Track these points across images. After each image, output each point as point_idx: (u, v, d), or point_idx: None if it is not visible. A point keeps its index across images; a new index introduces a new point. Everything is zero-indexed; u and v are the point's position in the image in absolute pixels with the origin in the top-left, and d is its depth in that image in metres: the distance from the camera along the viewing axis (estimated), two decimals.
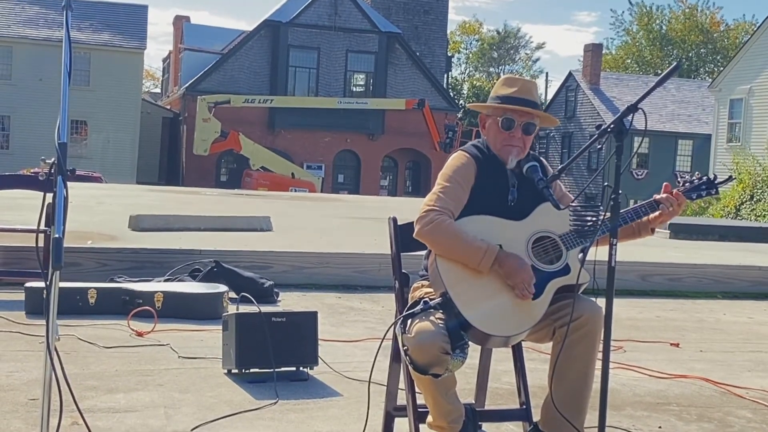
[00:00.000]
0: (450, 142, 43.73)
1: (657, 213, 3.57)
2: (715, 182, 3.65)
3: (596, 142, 3.30)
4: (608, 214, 3.28)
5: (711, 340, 6.89)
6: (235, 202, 19.81)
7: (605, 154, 3.47)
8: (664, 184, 3.62)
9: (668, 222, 3.69)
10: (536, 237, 3.47)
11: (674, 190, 3.58)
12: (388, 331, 3.52)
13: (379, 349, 3.59)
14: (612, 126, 3.20)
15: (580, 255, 3.42)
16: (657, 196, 3.59)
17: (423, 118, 44.81)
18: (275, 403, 4.36)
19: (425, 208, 3.44)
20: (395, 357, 3.73)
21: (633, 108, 3.18)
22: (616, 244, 3.21)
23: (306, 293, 7.95)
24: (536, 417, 3.69)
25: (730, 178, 3.93)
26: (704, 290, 9.50)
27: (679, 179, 3.68)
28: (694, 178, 3.65)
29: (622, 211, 3.47)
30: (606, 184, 3.20)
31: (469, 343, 3.30)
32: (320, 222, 15.07)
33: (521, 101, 3.59)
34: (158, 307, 6.36)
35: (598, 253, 3.40)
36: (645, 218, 3.60)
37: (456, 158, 3.61)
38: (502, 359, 4.41)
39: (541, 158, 3.68)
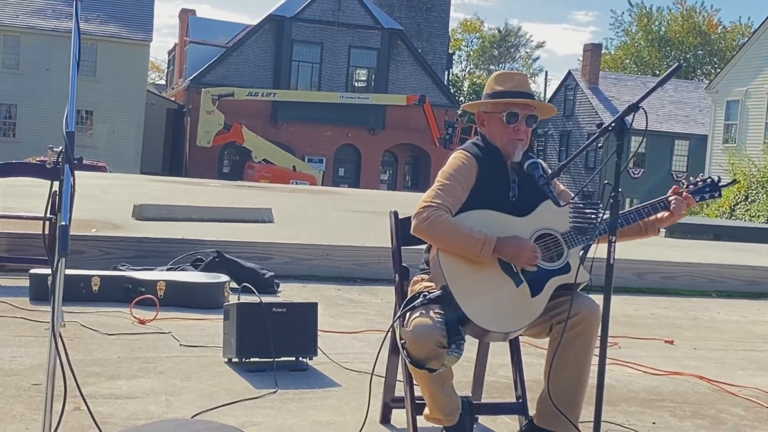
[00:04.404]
0: (449, 139, 43.76)
1: (666, 213, 3.58)
2: (719, 184, 3.64)
3: (597, 140, 3.33)
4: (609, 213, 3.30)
5: (705, 338, 6.93)
6: (237, 194, 19.85)
7: (603, 153, 3.50)
8: (673, 187, 3.64)
9: (675, 222, 3.70)
10: (538, 234, 3.49)
11: (682, 192, 3.59)
12: (391, 326, 3.56)
13: (383, 343, 3.64)
14: (613, 125, 3.21)
15: (581, 253, 3.45)
16: (669, 198, 3.60)
17: (423, 114, 44.80)
18: (275, 392, 4.39)
19: (422, 204, 3.46)
20: (393, 349, 3.78)
21: (634, 107, 3.18)
22: (614, 242, 3.21)
23: (306, 285, 8.00)
24: (532, 411, 3.73)
25: (734, 182, 3.93)
26: (699, 289, 9.54)
27: (683, 181, 3.68)
28: (698, 180, 3.65)
29: (625, 211, 3.51)
30: (606, 182, 3.21)
31: (466, 337, 3.34)
32: (321, 214, 15.11)
33: (522, 94, 3.63)
34: (160, 295, 6.40)
35: (597, 250, 3.44)
36: (653, 217, 3.62)
37: (457, 158, 3.62)
38: (499, 353, 4.47)
39: (539, 159, 3.71)
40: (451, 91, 56.88)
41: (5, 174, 6.98)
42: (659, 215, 3.61)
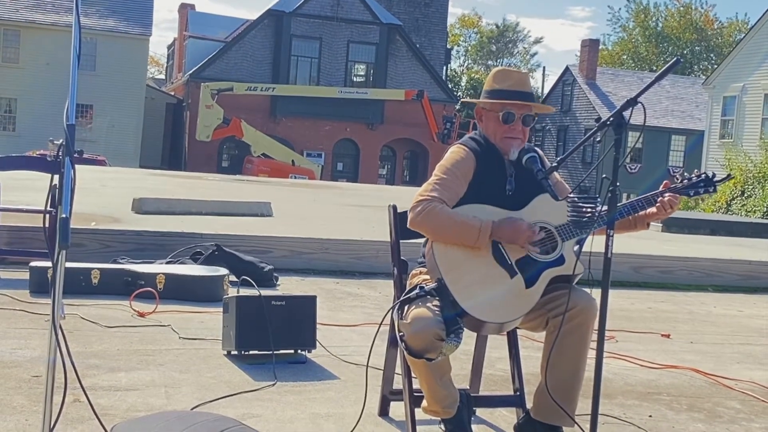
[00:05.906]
0: (447, 133, 43.77)
1: (653, 209, 3.59)
2: (714, 180, 3.62)
3: (595, 134, 3.33)
4: (605, 207, 3.30)
5: (701, 332, 6.96)
6: (236, 188, 19.87)
7: (600, 148, 3.51)
8: (665, 182, 3.65)
9: (663, 218, 3.70)
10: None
11: (667, 195, 3.57)
12: (385, 316, 3.58)
13: (376, 334, 3.66)
14: (612, 119, 3.21)
15: (576, 246, 3.47)
16: (658, 195, 3.59)
17: (421, 109, 44.82)
18: (273, 384, 4.42)
19: (418, 198, 3.48)
20: (392, 343, 3.80)
21: (633, 101, 3.18)
22: (612, 236, 3.20)
23: (305, 278, 8.02)
24: (529, 404, 3.74)
25: (728, 177, 3.92)
26: (695, 283, 9.58)
27: (677, 176, 3.68)
28: (692, 175, 3.63)
29: (619, 204, 3.51)
30: (604, 176, 3.20)
31: (464, 328, 3.36)
32: (319, 208, 15.13)
33: (519, 95, 3.64)
34: (160, 288, 6.43)
35: (594, 244, 3.44)
36: (642, 212, 3.63)
37: (455, 152, 3.64)
38: (496, 346, 4.49)
39: (538, 150, 3.72)
40: (449, 86, 56.82)
41: (5, 167, 6.98)
42: (649, 210, 3.62)
